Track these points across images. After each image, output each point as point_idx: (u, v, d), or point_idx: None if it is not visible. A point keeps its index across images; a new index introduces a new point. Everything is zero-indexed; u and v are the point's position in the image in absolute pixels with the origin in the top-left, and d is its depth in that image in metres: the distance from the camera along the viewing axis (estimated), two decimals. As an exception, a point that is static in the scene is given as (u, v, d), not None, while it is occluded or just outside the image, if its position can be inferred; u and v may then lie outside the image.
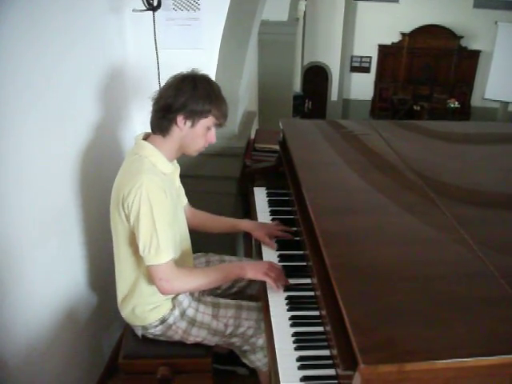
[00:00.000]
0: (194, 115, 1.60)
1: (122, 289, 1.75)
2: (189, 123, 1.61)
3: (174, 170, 1.75)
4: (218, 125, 1.69)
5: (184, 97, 1.58)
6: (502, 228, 1.56)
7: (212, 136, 1.70)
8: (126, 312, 1.77)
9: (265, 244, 1.91)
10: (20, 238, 1.55)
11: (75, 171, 1.85)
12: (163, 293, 1.63)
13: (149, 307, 1.72)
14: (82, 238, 1.95)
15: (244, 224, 2.04)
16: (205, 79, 1.64)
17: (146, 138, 1.69)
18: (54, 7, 1.64)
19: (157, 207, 1.53)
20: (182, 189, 1.97)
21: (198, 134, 1.65)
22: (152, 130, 1.68)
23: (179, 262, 1.71)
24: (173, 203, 1.69)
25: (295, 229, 1.95)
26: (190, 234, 1.94)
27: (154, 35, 2.11)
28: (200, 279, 1.67)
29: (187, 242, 1.90)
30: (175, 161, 1.82)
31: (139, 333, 1.81)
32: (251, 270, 1.69)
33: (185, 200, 2.00)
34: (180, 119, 1.60)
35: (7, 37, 1.41)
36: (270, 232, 1.94)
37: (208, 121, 1.64)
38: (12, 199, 1.49)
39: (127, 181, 1.56)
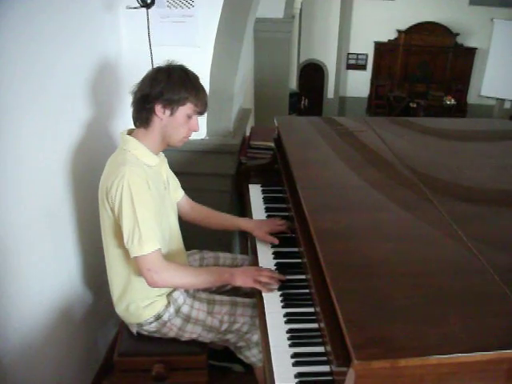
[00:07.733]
0: (171, 103, 1.61)
1: (115, 286, 1.75)
2: (168, 112, 1.62)
3: (159, 163, 1.75)
4: (199, 112, 1.69)
5: (159, 86, 1.59)
6: (496, 224, 1.56)
7: (194, 124, 1.70)
8: (120, 309, 1.77)
9: (267, 241, 1.90)
10: (15, 236, 1.54)
11: (69, 169, 1.85)
12: (151, 284, 1.61)
13: (143, 304, 1.72)
14: (77, 236, 1.95)
15: (243, 223, 2.02)
16: (180, 69, 1.65)
17: (130, 133, 1.71)
18: (48, 6, 1.63)
19: (138, 197, 1.54)
20: (177, 181, 1.96)
21: (178, 122, 1.65)
22: (134, 123, 1.70)
23: (171, 260, 1.69)
24: (159, 195, 1.69)
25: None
26: (185, 230, 1.93)
27: (148, 32, 2.10)
28: (189, 276, 1.67)
29: (178, 239, 1.89)
30: (161, 153, 1.82)
31: (134, 330, 1.81)
32: (240, 278, 1.68)
33: (181, 193, 1.99)
34: (158, 108, 1.61)
35: (2, 37, 1.40)
36: (270, 230, 1.92)
37: (187, 108, 1.64)
38: (7, 198, 1.49)
39: (110, 173, 1.59)
